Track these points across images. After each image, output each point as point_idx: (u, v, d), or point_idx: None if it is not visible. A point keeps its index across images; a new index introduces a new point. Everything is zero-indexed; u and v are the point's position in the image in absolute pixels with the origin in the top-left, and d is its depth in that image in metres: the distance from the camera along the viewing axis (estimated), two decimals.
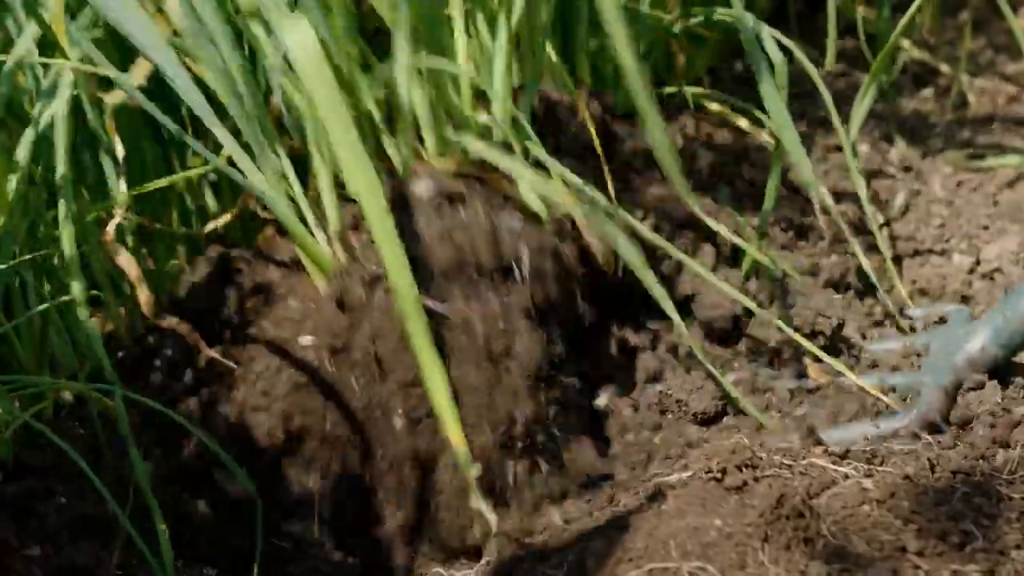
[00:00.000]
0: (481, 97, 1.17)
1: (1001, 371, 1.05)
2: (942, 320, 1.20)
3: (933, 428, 1.01)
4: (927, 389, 1.04)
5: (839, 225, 1.27)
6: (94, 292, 1.13)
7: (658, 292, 1.08)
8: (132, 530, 0.95)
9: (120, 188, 1.14)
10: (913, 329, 1.20)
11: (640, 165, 1.31)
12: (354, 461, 1.04)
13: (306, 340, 1.07)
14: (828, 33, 1.32)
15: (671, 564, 0.83)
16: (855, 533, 0.84)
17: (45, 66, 1.13)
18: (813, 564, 0.81)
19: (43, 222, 1.11)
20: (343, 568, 1.03)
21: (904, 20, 1.31)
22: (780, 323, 1.14)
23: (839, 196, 1.42)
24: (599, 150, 1.21)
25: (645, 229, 1.15)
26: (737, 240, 1.19)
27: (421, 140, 1.14)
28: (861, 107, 1.36)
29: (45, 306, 1.07)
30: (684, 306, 1.19)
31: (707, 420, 1.10)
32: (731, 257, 1.26)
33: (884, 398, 1.05)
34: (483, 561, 1.00)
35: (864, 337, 1.20)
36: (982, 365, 1.05)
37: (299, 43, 0.94)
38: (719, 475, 0.89)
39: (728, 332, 1.18)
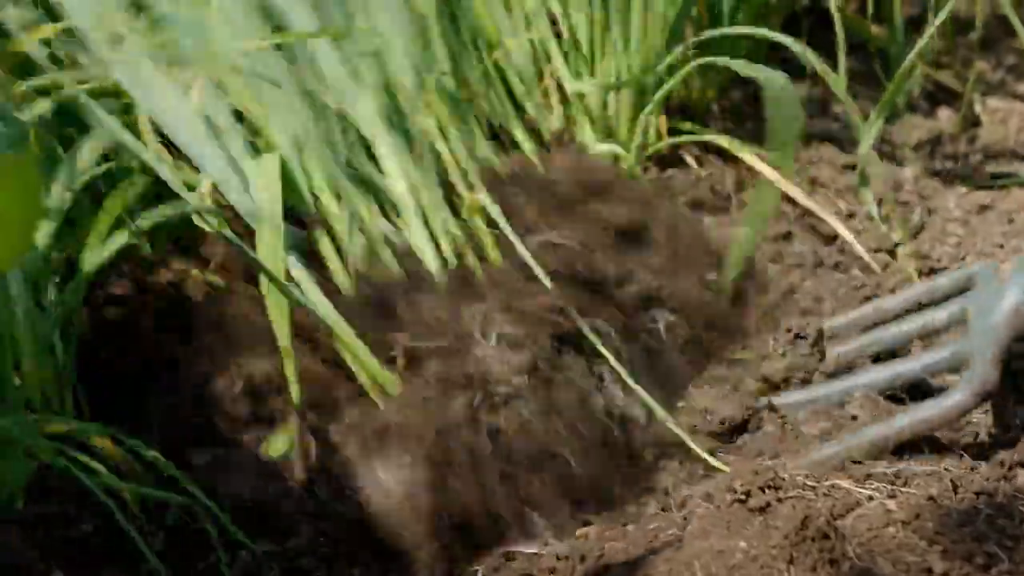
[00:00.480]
0: None
1: None
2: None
3: (988, 397, 1.00)
4: (975, 360, 1.02)
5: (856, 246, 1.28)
6: None
7: None
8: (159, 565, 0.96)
9: None
10: None
11: None
12: None
13: None
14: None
15: None
16: (880, 555, 0.84)
17: None
18: None
19: None
20: None
21: (921, 42, 1.32)
22: None
23: (852, 215, 1.43)
24: None
25: None
26: None
27: None
28: (874, 126, 1.36)
29: None
30: None
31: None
32: None
33: None
34: None
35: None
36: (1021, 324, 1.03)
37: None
38: (743, 496, 0.90)
39: None
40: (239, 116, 1.17)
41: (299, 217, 1.12)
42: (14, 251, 0.51)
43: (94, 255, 1.06)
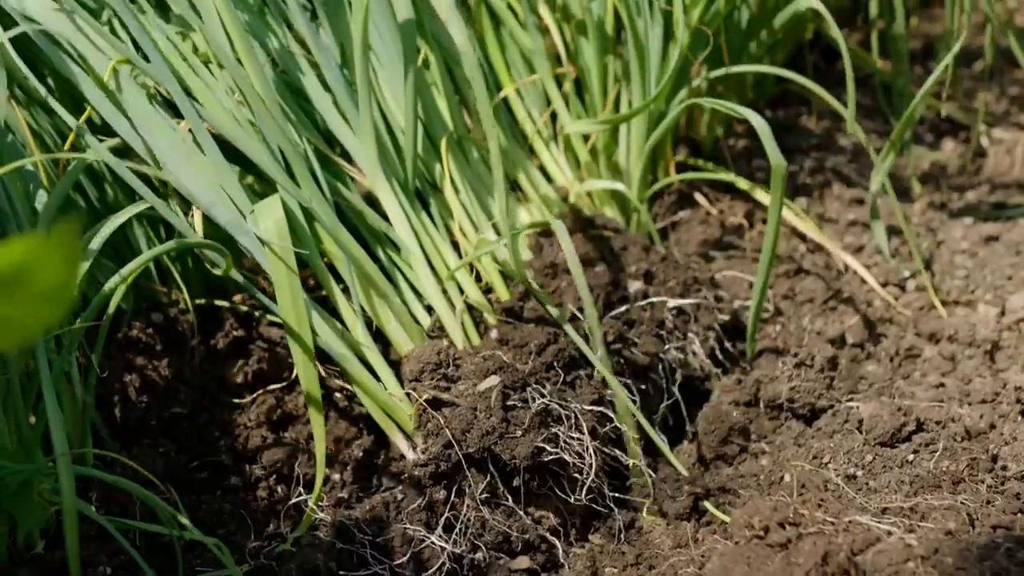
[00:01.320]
0: None
1: None
2: None
3: None
4: None
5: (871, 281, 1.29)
6: None
7: None
8: None
9: None
10: None
11: None
12: None
13: None
14: (847, 86, 1.33)
15: None
16: None
17: None
18: None
19: None
20: None
21: (931, 79, 1.32)
22: None
23: (861, 249, 1.43)
24: None
25: None
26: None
27: None
28: (886, 163, 1.37)
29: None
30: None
31: None
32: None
33: None
34: None
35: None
36: None
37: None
38: (761, 533, 0.90)
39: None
40: (241, 161, 1.19)
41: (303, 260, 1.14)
42: (48, 318, 0.52)
43: (114, 297, 1.06)
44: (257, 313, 1.24)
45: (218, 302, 1.25)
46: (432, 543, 1.04)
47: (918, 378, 1.25)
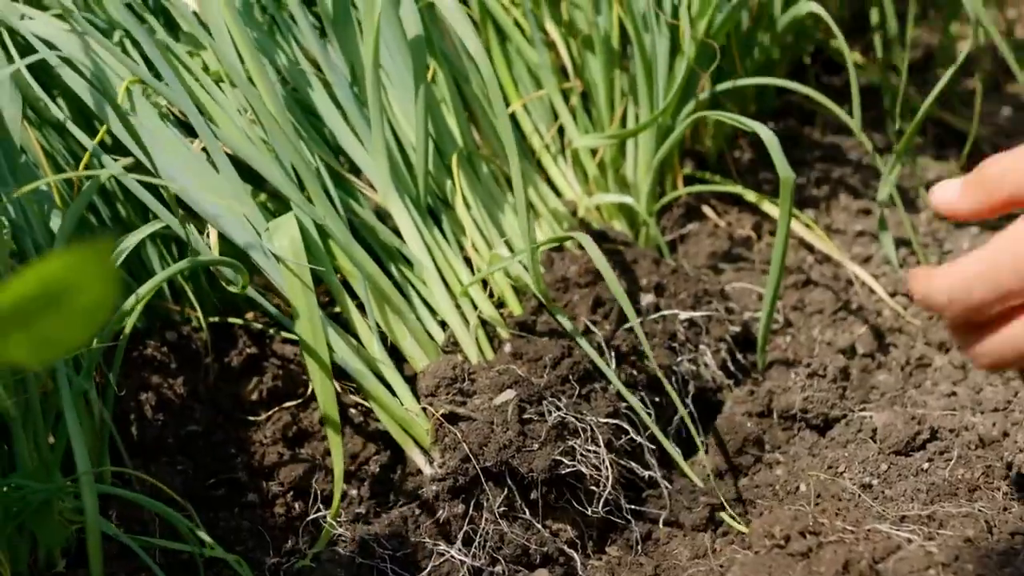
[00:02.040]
0: None
1: None
2: None
3: None
4: None
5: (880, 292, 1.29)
6: None
7: None
8: None
9: None
10: None
11: None
12: None
13: None
14: (852, 97, 1.34)
15: None
16: None
17: None
18: None
19: None
20: None
21: (935, 92, 1.33)
22: None
23: (868, 260, 1.44)
24: None
25: None
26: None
27: None
28: (893, 173, 1.37)
29: None
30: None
31: None
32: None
33: None
34: None
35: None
36: None
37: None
38: (782, 542, 0.90)
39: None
40: (253, 180, 1.20)
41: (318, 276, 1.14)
42: (84, 335, 0.52)
43: (131, 316, 1.07)
44: (271, 331, 1.24)
45: (231, 320, 1.25)
46: (452, 557, 1.04)
47: (929, 387, 1.25)
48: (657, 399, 1.19)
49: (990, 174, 0.88)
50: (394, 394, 1.13)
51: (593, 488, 1.08)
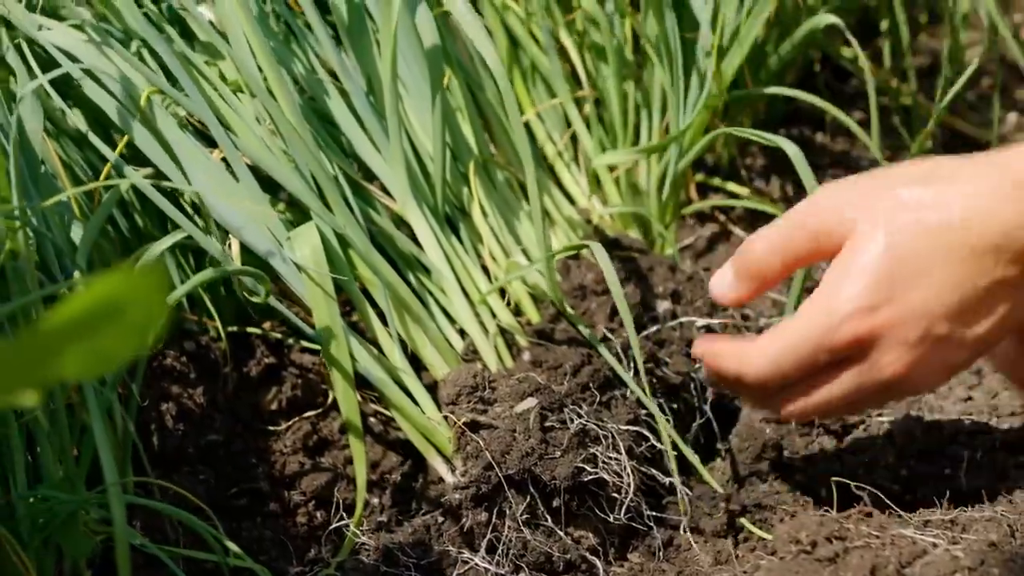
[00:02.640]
0: None
1: None
2: None
3: None
4: None
5: None
6: None
7: None
8: None
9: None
10: None
11: None
12: None
13: None
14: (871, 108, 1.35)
15: None
16: None
17: None
18: None
19: None
20: None
21: (947, 99, 1.34)
22: None
23: None
24: None
25: None
26: None
27: None
28: None
29: None
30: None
31: None
32: None
33: None
34: None
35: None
36: None
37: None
38: (809, 548, 0.91)
39: None
40: (272, 190, 1.20)
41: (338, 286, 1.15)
42: (136, 349, 0.53)
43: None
44: (290, 340, 1.25)
45: (249, 329, 1.25)
46: (476, 564, 1.05)
47: (946, 392, 1.26)
48: (675, 406, 1.20)
49: (755, 257, 0.94)
50: (415, 403, 1.13)
51: (615, 495, 1.08)
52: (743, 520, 1.09)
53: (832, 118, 1.65)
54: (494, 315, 1.18)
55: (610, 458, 1.08)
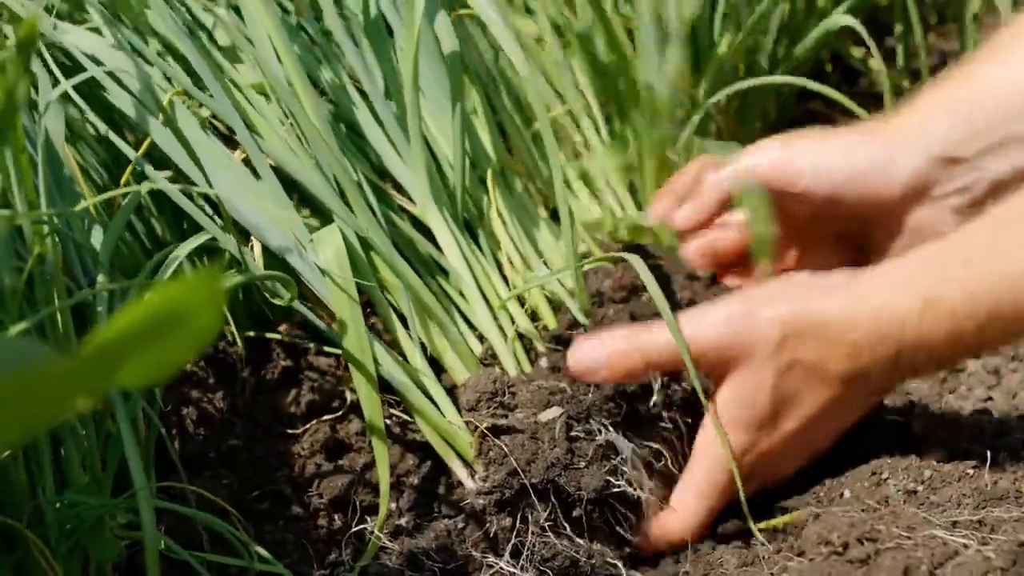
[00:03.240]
0: None
1: None
2: None
3: None
4: None
5: None
6: None
7: None
8: None
9: None
10: None
11: None
12: None
13: None
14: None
15: None
16: None
17: None
18: None
19: None
20: None
21: None
22: None
23: None
24: None
25: None
26: None
27: None
28: None
29: None
30: None
31: None
32: None
33: None
34: None
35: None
36: None
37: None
38: (840, 549, 0.91)
39: None
40: (294, 193, 1.20)
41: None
42: (190, 356, 0.53)
43: None
44: (310, 344, 1.24)
45: (268, 334, 1.25)
46: (501, 568, 1.04)
47: (964, 392, 1.26)
48: (689, 420, 1.19)
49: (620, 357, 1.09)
50: (436, 406, 1.13)
51: (637, 507, 1.08)
52: (770, 522, 1.09)
53: (844, 119, 1.66)
54: (513, 321, 1.18)
55: (634, 470, 1.08)
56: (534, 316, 1.21)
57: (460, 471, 1.11)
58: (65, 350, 0.97)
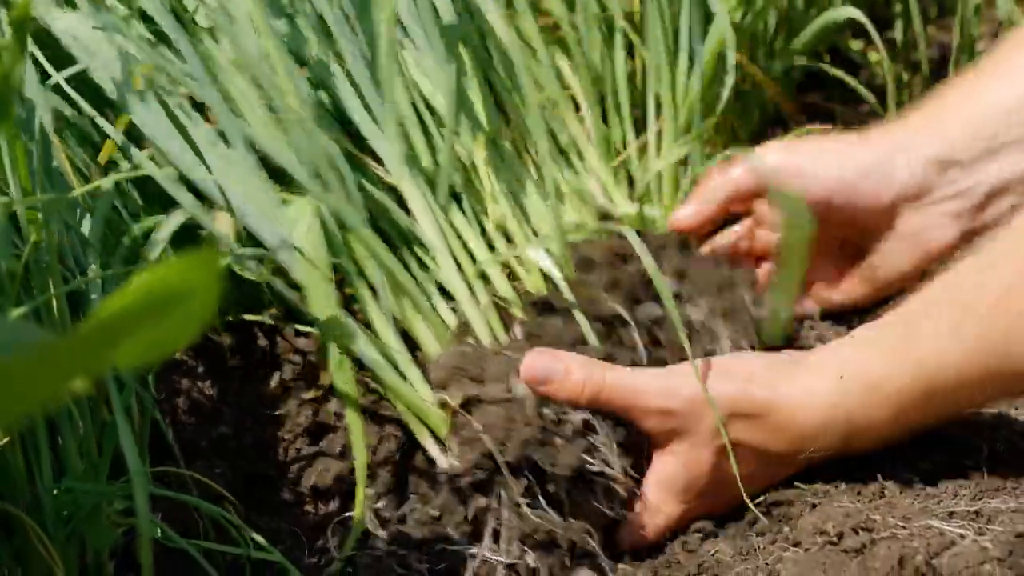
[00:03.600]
0: None
1: None
2: None
3: None
4: None
5: None
6: None
7: None
8: None
9: None
10: None
11: None
12: None
13: None
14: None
15: None
16: None
17: None
18: None
19: None
20: None
21: None
22: None
23: None
24: None
25: None
26: None
27: None
28: None
29: None
30: None
31: None
32: None
33: None
34: None
35: None
36: None
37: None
38: (835, 539, 0.91)
39: None
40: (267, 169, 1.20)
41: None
42: (188, 338, 0.53)
43: None
44: (284, 325, 1.24)
45: (248, 317, 1.25)
46: (481, 551, 1.04)
47: None
48: None
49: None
50: (410, 384, 1.12)
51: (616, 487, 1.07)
52: (759, 512, 1.08)
53: (843, 112, 1.66)
54: (489, 288, 1.16)
55: (611, 448, 1.06)
56: (515, 286, 1.20)
57: (433, 449, 1.10)
58: (61, 334, 0.97)
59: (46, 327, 0.97)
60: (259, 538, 1.00)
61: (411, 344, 1.17)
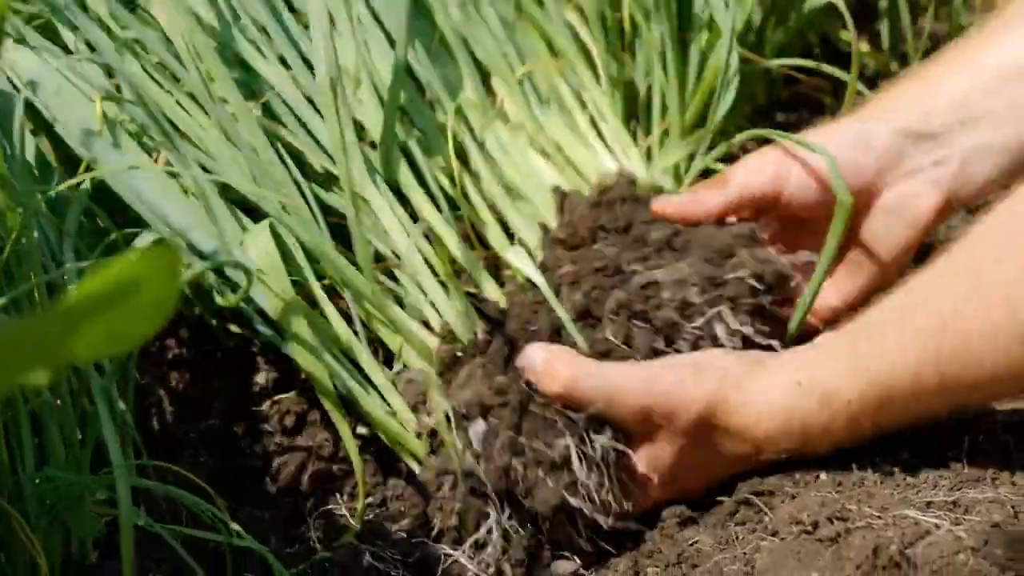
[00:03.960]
0: None
1: None
2: None
3: None
4: None
5: None
6: None
7: None
8: None
9: None
10: None
11: None
12: None
13: None
14: None
15: None
16: None
17: None
18: None
19: None
20: None
21: None
22: None
23: None
24: None
25: None
26: None
27: None
28: None
29: None
30: None
31: None
32: None
33: None
34: None
35: None
36: None
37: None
38: (810, 528, 0.91)
39: None
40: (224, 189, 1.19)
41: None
42: (150, 329, 0.53)
43: None
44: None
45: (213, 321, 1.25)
46: (460, 559, 1.04)
47: None
48: None
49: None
50: (388, 404, 1.12)
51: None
52: (741, 503, 1.08)
53: (832, 101, 1.66)
54: (461, 292, 1.16)
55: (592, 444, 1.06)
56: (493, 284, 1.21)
57: (415, 467, 1.11)
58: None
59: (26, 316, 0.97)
60: (237, 527, 1.00)
61: (388, 356, 1.16)
